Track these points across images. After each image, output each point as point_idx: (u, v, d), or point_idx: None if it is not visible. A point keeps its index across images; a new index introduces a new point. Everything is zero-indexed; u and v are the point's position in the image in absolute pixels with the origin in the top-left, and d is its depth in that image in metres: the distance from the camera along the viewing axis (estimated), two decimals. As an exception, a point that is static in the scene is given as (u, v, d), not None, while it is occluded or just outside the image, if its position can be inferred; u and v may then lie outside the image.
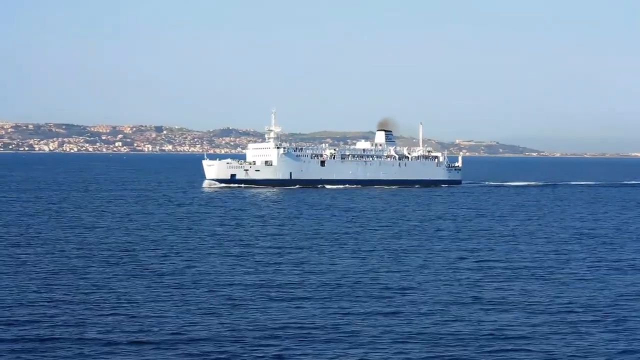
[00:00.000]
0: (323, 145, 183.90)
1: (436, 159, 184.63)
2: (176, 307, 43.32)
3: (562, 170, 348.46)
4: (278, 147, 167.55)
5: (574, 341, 37.59)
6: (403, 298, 46.54)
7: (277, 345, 36.18)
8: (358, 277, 53.04)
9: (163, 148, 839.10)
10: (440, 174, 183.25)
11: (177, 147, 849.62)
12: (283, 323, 40.23)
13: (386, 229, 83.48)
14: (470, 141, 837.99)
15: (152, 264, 57.69)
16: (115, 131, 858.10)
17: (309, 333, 38.35)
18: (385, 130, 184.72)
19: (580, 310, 44.03)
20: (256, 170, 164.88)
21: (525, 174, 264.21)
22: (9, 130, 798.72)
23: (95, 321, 40.06)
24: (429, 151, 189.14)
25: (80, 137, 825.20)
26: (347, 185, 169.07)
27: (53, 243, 68.34)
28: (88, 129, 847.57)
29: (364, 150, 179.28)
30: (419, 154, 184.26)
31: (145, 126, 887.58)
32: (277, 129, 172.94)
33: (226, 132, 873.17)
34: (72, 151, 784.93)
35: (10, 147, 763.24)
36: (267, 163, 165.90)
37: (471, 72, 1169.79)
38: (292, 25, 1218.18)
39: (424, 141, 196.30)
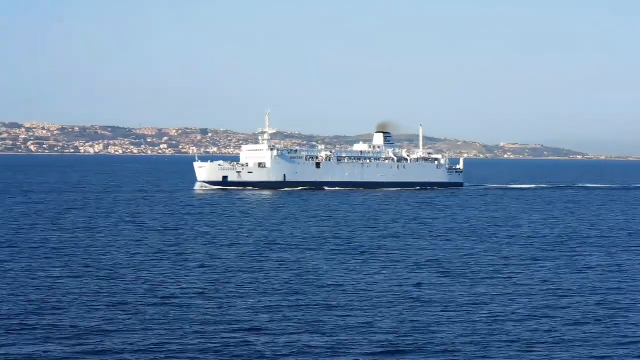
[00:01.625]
0: (319, 147, 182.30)
1: (436, 162, 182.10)
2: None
3: (580, 172, 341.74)
4: (272, 149, 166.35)
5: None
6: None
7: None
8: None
9: (208, 150, 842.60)
10: (441, 177, 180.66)
11: (222, 149, 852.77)
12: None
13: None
14: (515, 144, 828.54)
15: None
16: (160, 134, 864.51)
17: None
18: (384, 132, 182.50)
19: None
20: (249, 172, 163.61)
21: (533, 177, 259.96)
22: (55, 132, 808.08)
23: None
24: (429, 153, 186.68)
25: (126, 140, 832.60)
26: (343, 188, 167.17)
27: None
28: (134, 131, 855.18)
29: (361, 152, 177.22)
30: (419, 156, 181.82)
31: (191, 129, 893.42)
32: (271, 131, 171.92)
33: (273, 135, 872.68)
34: (117, 153, 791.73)
35: (56, 149, 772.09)
36: (261, 165, 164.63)
37: (516, 75, 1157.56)
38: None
39: (467, 143, 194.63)
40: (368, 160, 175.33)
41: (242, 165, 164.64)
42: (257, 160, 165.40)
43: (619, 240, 78.60)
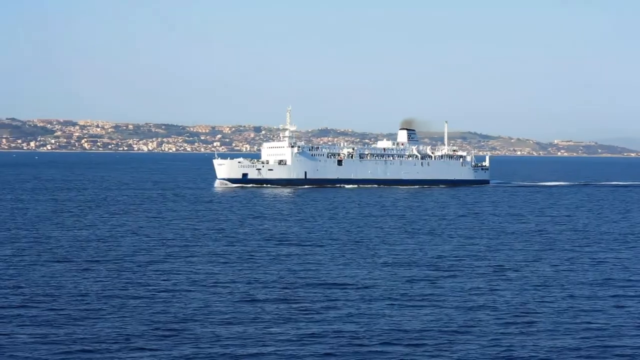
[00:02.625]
0: (341, 144, 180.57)
1: (461, 159, 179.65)
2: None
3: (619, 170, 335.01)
4: (292, 146, 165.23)
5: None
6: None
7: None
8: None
9: (260, 148, 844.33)
10: (466, 174, 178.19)
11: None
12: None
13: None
14: (569, 141, 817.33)
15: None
16: (214, 131, 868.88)
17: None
18: (407, 129, 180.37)
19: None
20: (269, 170, 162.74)
21: (560, 175, 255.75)
22: (109, 130, 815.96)
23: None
24: (454, 150, 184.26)
25: (179, 137, 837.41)
26: (364, 185, 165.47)
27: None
28: (187, 129, 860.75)
29: (384, 149, 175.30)
30: (443, 153, 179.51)
31: (244, 126, 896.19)
32: (292, 128, 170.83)
33: (324, 132, 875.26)
34: (170, 151, 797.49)
35: (110, 146, 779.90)
36: (281, 162, 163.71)
37: (571, 72, 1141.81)
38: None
39: (521, 140, 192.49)
40: (391, 158, 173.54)
41: (263, 163, 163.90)
42: (278, 158, 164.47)
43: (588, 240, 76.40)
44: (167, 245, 67.08)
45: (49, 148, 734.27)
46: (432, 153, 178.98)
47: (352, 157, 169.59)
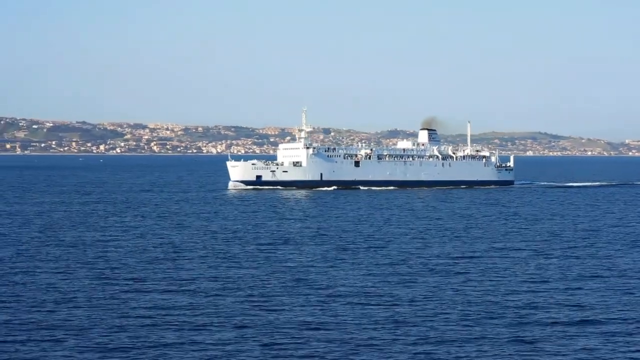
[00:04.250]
0: (358, 144, 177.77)
1: (484, 159, 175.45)
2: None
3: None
4: (308, 147, 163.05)
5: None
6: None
7: None
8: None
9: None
10: (489, 175, 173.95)
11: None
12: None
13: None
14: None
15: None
16: (284, 133, 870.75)
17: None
18: (428, 129, 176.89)
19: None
20: (284, 172, 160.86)
21: (591, 174, 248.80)
22: (179, 133, 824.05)
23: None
24: (477, 151, 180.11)
25: (249, 139, 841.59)
26: (382, 187, 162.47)
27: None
28: (257, 131, 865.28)
29: (403, 150, 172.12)
30: (465, 154, 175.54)
31: (314, 128, 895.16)
32: (308, 129, 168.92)
33: (393, 133, 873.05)
34: (239, 153, 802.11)
35: (179, 149, 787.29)
36: (296, 164, 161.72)
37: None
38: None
39: (592, 141, 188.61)
40: (411, 158, 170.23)
41: (277, 164, 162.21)
42: (293, 159, 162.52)
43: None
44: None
45: (119, 151, 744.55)
46: (454, 153, 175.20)
47: (369, 157, 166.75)
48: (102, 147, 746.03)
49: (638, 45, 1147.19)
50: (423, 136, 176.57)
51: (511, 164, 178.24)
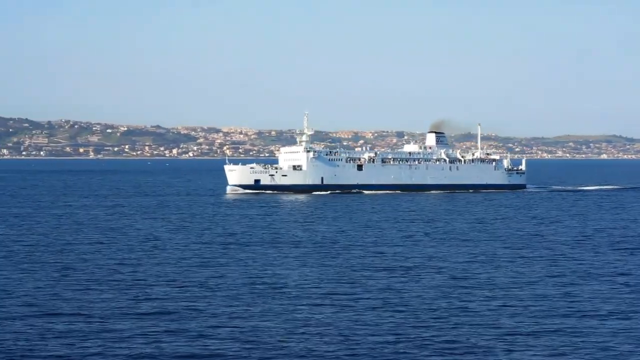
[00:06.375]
0: (362, 148, 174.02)
1: (494, 162, 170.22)
2: None
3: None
4: (308, 151, 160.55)
5: None
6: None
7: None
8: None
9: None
10: (499, 178, 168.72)
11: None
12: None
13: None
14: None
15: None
16: (356, 137, 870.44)
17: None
18: (436, 132, 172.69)
19: None
20: (283, 176, 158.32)
21: (603, 178, 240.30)
22: (252, 136, 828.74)
23: None
24: (487, 154, 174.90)
25: (322, 143, 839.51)
26: (387, 191, 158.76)
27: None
28: (330, 134, 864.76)
29: (409, 153, 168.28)
30: (474, 157, 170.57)
31: (387, 132, 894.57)
32: (310, 132, 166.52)
33: (468, 137, 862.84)
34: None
35: (251, 153, 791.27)
36: (296, 167, 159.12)
37: None
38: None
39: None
40: (416, 162, 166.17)
41: (276, 168, 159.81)
42: (293, 163, 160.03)
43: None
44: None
45: (191, 155, 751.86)
46: (462, 157, 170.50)
47: (373, 161, 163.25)
48: (174, 151, 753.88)
49: None
50: (430, 139, 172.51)
51: (523, 167, 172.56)
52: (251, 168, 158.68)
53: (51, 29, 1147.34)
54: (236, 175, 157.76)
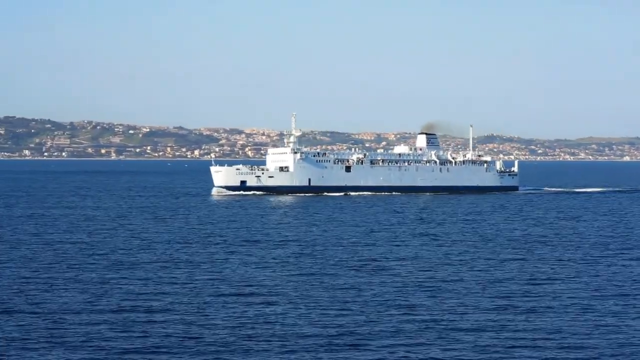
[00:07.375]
0: (352, 149, 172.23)
1: (485, 164, 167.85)
2: None
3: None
4: (295, 152, 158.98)
5: None
6: None
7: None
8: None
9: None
10: (490, 180, 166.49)
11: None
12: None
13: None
14: None
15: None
16: (379, 138, 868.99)
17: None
18: (427, 134, 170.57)
19: None
20: (269, 177, 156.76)
21: (595, 180, 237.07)
22: (274, 138, 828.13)
23: None
24: (479, 156, 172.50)
25: (344, 145, 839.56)
26: (375, 193, 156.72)
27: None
28: (352, 136, 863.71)
29: (399, 154, 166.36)
30: (466, 159, 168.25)
31: (409, 133, 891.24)
32: (297, 133, 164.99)
33: (490, 138, 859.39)
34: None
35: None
36: (283, 169, 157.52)
37: None
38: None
39: None
40: (406, 163, 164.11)
41: (262, 170, 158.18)
42: (280, 164, 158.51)
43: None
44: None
45: (213, 156, 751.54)
46: (453, 158, 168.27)
47: (362, 162, 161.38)
48: (196, 152, 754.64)
49: None
50: (421, 141, 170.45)
51: (515, 169, 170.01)
52: (237, 169, 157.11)
53: (74, 30, 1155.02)
54: (222, 177, 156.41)
